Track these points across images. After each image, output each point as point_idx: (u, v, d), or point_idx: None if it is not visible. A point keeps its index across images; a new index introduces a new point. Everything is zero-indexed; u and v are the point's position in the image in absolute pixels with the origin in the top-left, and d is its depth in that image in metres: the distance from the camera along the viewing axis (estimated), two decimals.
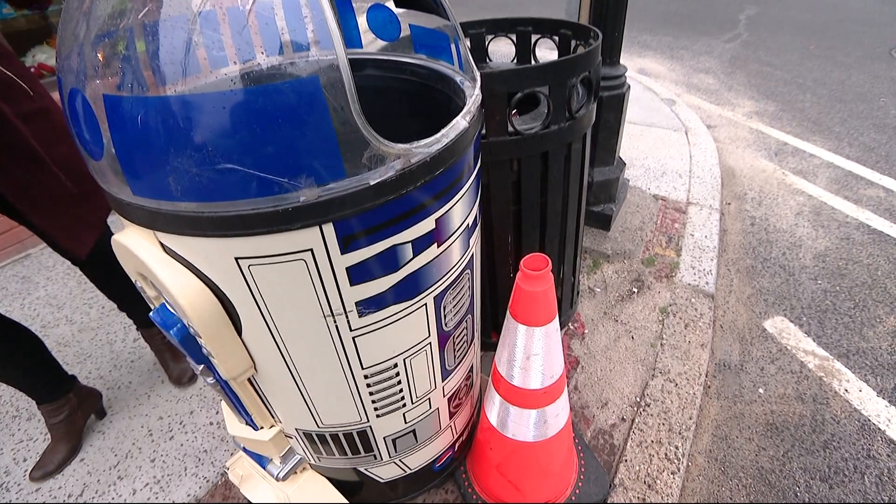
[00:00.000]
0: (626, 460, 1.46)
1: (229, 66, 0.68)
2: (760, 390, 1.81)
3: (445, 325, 0.95)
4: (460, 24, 1.63)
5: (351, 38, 1.15)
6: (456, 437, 1.29)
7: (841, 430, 1.68)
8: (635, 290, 2.10)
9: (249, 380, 0.90)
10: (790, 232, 2.61)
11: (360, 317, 0.78)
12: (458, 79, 0.98)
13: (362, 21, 1.11)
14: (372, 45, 1.16)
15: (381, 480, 1.22)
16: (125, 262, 0.79)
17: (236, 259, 0.66)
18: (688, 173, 2.89)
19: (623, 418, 1.60)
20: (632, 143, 3.26)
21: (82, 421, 1.59)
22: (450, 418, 1.19)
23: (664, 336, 1.86)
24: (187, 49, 0.65)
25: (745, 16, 6.85)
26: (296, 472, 1.17)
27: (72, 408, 1.53)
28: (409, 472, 1.23)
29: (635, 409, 1.62)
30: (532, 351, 0.99)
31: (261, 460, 1.15)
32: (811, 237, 2.57)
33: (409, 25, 1.06)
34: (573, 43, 1.55)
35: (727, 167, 3.18)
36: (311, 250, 0.67)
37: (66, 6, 0.68)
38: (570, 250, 1.70)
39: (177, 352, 1.82)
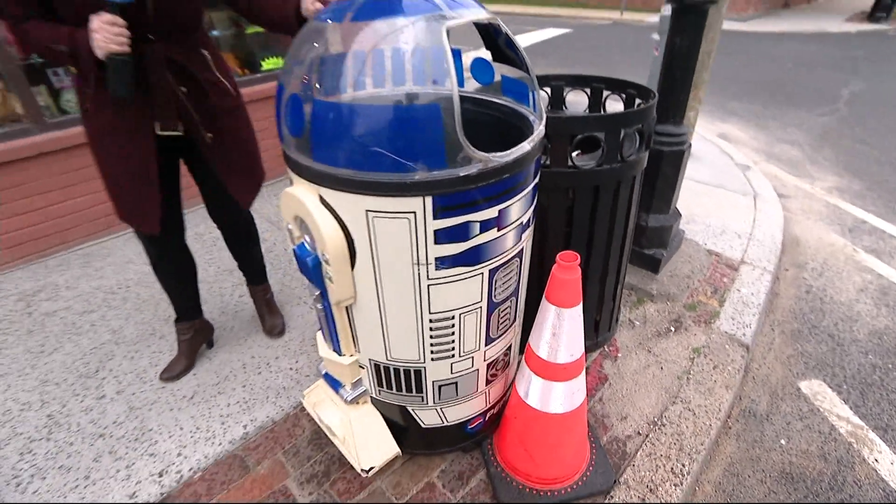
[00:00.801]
0: (633, 465, 1.63)
1: (387, 88, 1.06)
2: (782, 441, 1.89)
3: (495, 296, 1.25)
4: (547, 76, 1.99)
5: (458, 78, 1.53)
6: (488, 406, 1.55)
7: (861, 495, 1.71)
8: (672, 329, 2.26)
9: (346, 309, 1.25)
10: (848, 306, 2.61)
11: (436, 270, 1.10)
12: (530, 118, 1.32)
13: (466, 60, 1.48)
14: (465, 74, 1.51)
15: (423, 426, 1.50)
16: (287, 208, 1.17)
17: (366, 211, 1.01)
18: (748, 235, 2.98)
19: (639, 432, 1.76)
20: (697, 201, 3.40)
21: (199, 345, 2.04)
22: (486, 384, 1.46)
23: (692, 372, 2.00)
24: (362, 74, 1.04)
25: (850, 91, 6.68)
26: (358, 402, 1.49)
27: (195, 330, 1.99)
28: (446, 423, 1.50)
29: (651, 426, 1.78)
30: (559, 329, 1.25)
31: (335, 385, 1.48)
32: (871, 314, 2.56)
33: (501, 75, 1.42)
34: (637, 101, 1.84)
35: (792, 236, 3.22)
36: (414, 213, 1.00)
37: (293, 44, 1.11)
38: (611, 277, 1.93)
39: (272, 308, 2.25)
